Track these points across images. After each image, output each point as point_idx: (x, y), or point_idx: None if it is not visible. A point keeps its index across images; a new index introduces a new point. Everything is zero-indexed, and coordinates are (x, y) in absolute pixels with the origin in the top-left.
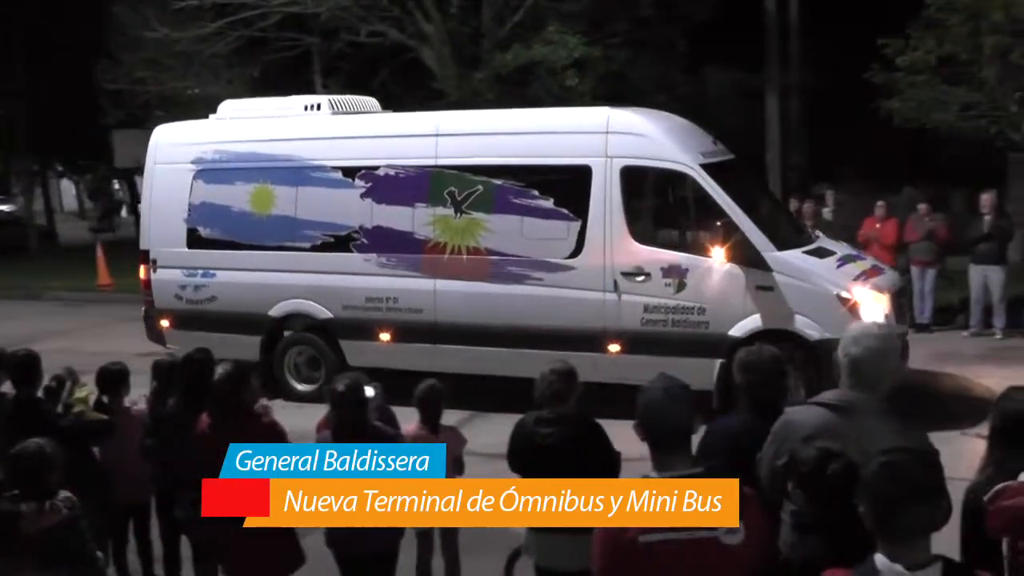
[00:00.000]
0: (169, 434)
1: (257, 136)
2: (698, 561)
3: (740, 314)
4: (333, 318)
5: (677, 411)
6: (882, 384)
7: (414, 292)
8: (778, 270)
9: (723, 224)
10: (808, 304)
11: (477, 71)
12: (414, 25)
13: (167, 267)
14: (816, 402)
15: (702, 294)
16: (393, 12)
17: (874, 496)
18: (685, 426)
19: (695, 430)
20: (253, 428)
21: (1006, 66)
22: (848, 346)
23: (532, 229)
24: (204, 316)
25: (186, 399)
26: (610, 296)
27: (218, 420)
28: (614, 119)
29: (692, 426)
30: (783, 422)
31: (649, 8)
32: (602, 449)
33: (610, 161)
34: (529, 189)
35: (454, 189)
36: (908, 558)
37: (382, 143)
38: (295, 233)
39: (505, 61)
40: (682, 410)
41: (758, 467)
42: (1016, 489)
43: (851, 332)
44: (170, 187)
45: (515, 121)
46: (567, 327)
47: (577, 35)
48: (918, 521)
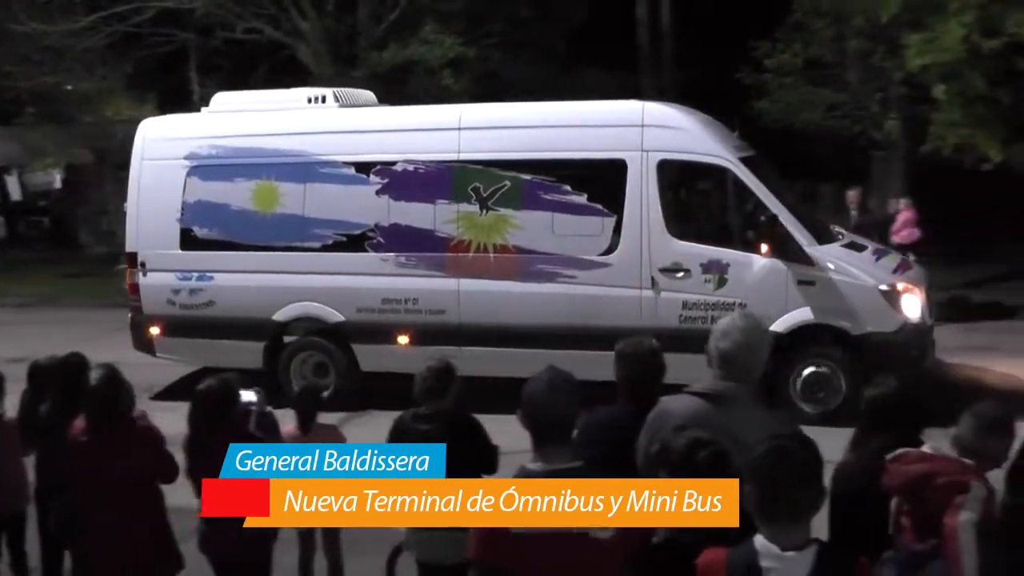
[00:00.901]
0: (41, 439)
1: (258, 130)
2: (570, 553)
3: (782, 309)
4: (345, 321)
5: (559, 403)
6: (752, 374)
7: (436, 292)
8: (820, 264)
9: (766, 218)
10: (851, 298)
11: (355, 69)
12: (290, 22)
13: (158, 270)
14: (690, 391)
15: (743, 290)
16: (269, 9)
17: (760, 479)
18: (567, 418)
19: (577, 422)
20: (129, 433)
21: (868, 68)
22: (717, 340)
23: (564, 225)
24: (200, 322)
25: (60, 403)
26: (647, 293)
27: (93, 425)
28: (649, 112)
29: (574, 418)
30: (657, 411)
31: (526, 10)
32: (479, 443)
33: (646, 155)
34: (560, 184)
35: (479, 185)
36: (787, 540)
37: (399, 137)
38: (303, 232)
39: (382, 60)
40: (564, 402)
41: (636, 455)
42: (914, 457)
43: (719, 326)
44: (160, 185)
45: (543, 114)
46: (601, 325)
47: (453, 35)
48: (800, 504)
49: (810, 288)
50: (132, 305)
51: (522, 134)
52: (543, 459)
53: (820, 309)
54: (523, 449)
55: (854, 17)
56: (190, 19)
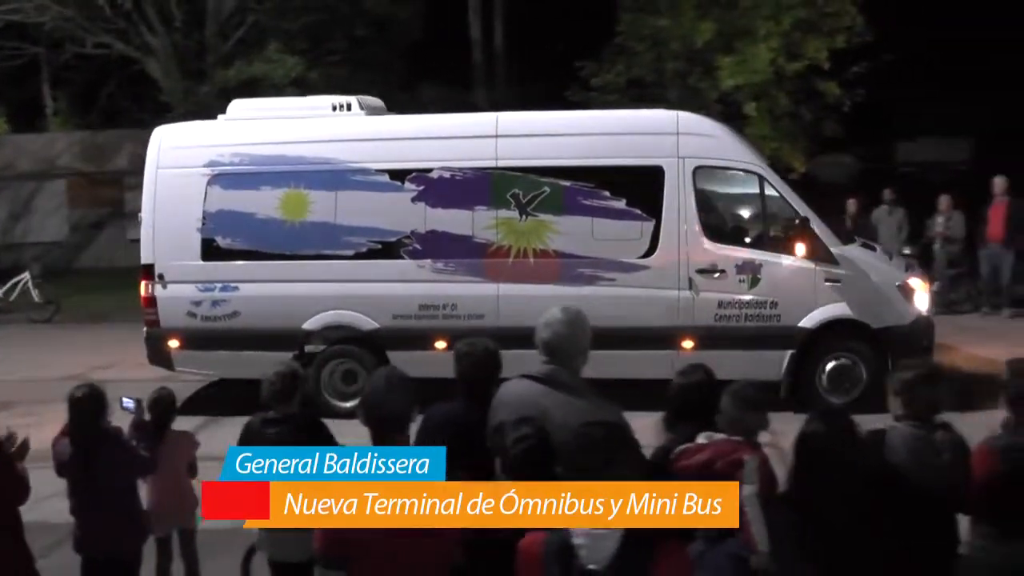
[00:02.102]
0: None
1: (284, 138)
2: (407, 542)
3: (811, 306)
4: (379, 328)
5: (396, 399)
6: (574, 360)
7: (475, 297)
8: (844, 264)
9: (796, 222)
10: (872, 295)
11: (203, 84)
12: (140, 37)
13: (177, 282)
14: (524, 375)
15: (775, 289)
16: (118, 24)
17: (568, 464)
18: (403, 413)
19: (413, 417)
20: None
21: (686, 87)
22: (540, 330)
23: (604, 230)
24: (224, 334)
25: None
26: (684, 294)
27: None
28: (683, 121)
29: (410, 413)
30: (496, 397)
31: (364, 29)
32: (325, 444)
33: (682, 161)
34: (599, 190)
35: (518, 191)
36: None
37: (434, 144)
38: (334, 240)
39: (228, 76)
40: (401, 398)
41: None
42: (694, 450)
43: (543, 318)
44: (178, 194)
45: (580, 122)
46: (641, 326)
47: (297, 54)
48: None
49: (836, 286)
50: (148, 319)
51: (560, 141)
52: None
53: (846, 305)
54: None
55: (671, 41)
56: (40, 33)
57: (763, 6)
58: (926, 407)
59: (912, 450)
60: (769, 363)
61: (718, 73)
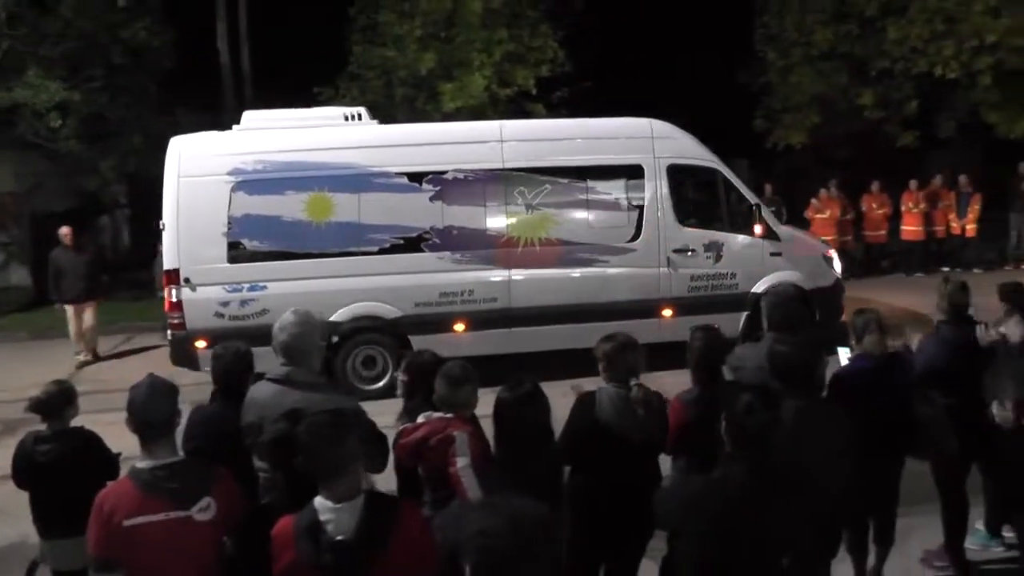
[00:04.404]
0: None
1: (305, 145)
2: (176, 537)
3: (761, 275)
4: (403, 316)
5: (158, 405)
6: (310, 359)
7: (489, 283)
8: (784, 240)
9: (748, 208)
10: (805, 264)
11: None
12: None
13: (204, 284)
14: (267, 378)
15: (734, 262)
16: None
17: (303, 450)
18: (165, 419)
19: (177, 422)
20: None
21: (413, 110)
22: (276, 335)
23: (597, 219)
24: (253, 331)
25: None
26: (663, 271)
27: None
28: (656, 127)
29: (173, 419)
30: (246, 398)
31: (120, 56)
32: (99, 456)
33: (657, 160)
34: (592, 185)
35: (524, 188)
36: (338, 493)
37: (447, 149)
38: (359, 238)
39: None
40: (163, 404)
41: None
42: (410, 428)
43: (277, 323)
44: (202, 201)
45: (572, 129)
46: (630, 300)
47: (58, 80)
48: (339, 462)
49: (778, 258)
50: (173, 322)
51: (556, 145)
52: (150, 456)
53: (787, 273)
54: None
55: (399, 70)
56: None
57: (476, 40)
58: (625, 371)
59: (616, 408)
60: (731, 322)
61: (441, 97)
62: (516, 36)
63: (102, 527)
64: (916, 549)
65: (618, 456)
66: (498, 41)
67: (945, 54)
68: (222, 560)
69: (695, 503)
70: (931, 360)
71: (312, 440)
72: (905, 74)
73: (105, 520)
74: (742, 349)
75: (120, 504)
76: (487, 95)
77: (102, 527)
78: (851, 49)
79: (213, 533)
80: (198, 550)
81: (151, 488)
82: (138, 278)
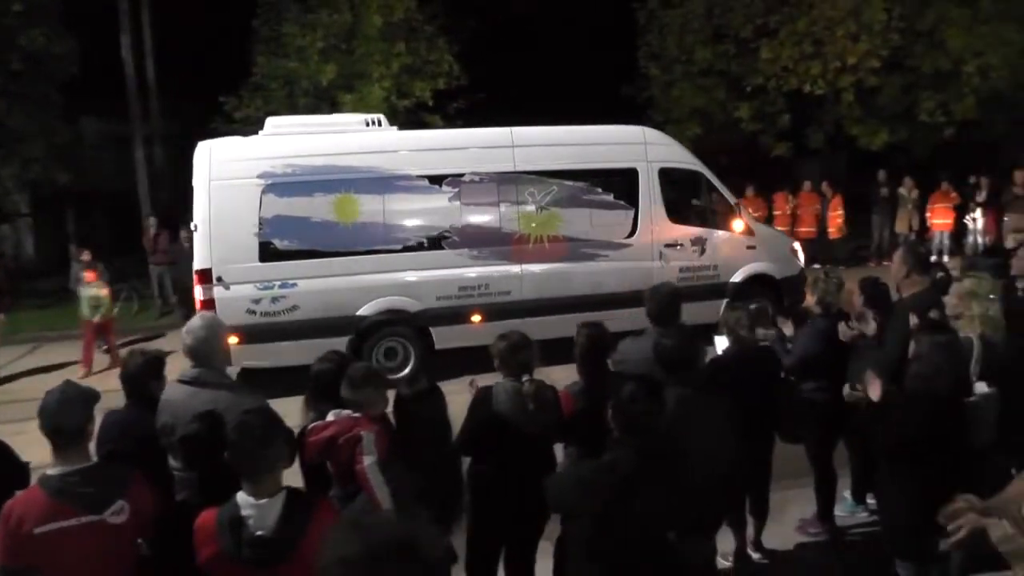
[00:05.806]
0: None
1: (331, 150)
2: (89, 542)
3: (738, 267)
4: (424, 309)
5: (69, 413)
6: (216, 359)
7: (503, 277)
8: (758, 235)
9: (727, 206)
10: (775, 255)
11: None
12: None
13: (237, 283)
14: (177, 380)
15: (716, 255)
16: None
17: (232, 448)
18: (76, 426)
19: (90, 429)
20: None
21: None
22: (184, 338)
23: (599, 218)
24: (284, 326)
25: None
26: (656, 264)
27: None
28: (648, 134)
29: (84, 426)
30: (161, 400)
31: (19, 63)
32: (6, 465)
33: (650, 164)
34: (594, 187)
35: (534, 190)
36: (261, 490)
37: (464, 153)
38: (384, 237)
39: None
40: (74, 411)
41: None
42: (320, 427)
43: (185, 328)
44: (233, 203)
45: (574, 136)
46: (626, 290)
47: None
48: (264, 461)
49: (753, 251)
50: None
51: (562, 151)
52: (62, 462)
53: (760, 264)
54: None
55: (301, 80)
56: None
57: (376, 53)
58: (518, 367)
59: (511, 401)
60: (713, 310)
61: (342, 108)
62: (414, 49)
63: (10, 537)
64: (793, 519)
65: (514, 446)
66: (396, 54)
67: (813, 73)
68: (138, 561)
69: (586, 486)
70: (806, 350)
71: (243, 439)
72: (778, 90)
73: (13, 530)
74: (625, 343)
75: (29, 512)
76: (386, 106)
77: (10, 537)
78: (728, 67)
79: (128, 535)
80: (114, 553)
81: (62, 495)
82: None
